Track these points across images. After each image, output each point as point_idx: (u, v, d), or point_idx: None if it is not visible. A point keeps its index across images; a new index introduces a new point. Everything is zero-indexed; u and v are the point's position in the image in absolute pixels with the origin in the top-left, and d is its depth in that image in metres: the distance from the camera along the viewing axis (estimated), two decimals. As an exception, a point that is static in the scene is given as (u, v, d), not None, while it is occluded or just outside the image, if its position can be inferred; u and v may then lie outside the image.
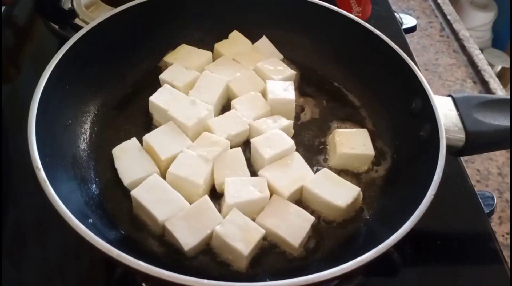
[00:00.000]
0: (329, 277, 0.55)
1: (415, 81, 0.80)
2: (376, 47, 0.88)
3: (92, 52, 0.83)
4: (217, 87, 0.87)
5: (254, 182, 0.74)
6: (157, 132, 0.80)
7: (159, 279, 0.54)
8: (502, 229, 0.96)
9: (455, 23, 1.49)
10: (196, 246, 0.68)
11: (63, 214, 0.58)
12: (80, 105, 0.83)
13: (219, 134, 0.80)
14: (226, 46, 0.96)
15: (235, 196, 0.72)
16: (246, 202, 0.72)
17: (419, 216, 0.62)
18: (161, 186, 0.72)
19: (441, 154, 0.69)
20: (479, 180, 1.05)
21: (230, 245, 0.67)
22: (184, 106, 0.83)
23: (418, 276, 0.79)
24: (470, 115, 0.78)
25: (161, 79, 0.90)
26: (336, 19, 0.93)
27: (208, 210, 0.71)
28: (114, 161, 0.77)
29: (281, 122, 0.83)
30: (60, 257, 0.77)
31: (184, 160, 0.75)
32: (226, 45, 0.97)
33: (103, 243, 0.56)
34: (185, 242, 0.67)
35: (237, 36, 0.98)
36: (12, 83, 1.03)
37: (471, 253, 0.82)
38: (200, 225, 0.69)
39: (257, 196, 0.72)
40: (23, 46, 1.13)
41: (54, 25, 1.12)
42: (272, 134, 0.80)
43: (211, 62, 0.95)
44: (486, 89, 1.28)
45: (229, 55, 0.95)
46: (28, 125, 0.67)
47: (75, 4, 1.14)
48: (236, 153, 0.79)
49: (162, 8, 0.93)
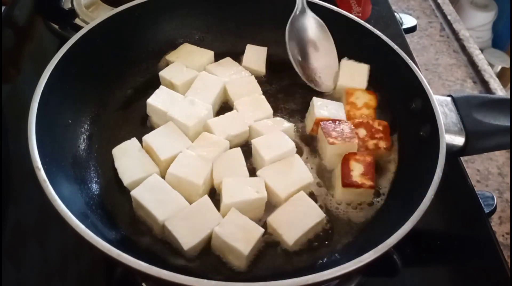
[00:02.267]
0: (329, 277, 0.55)
1: (415, 81, 0.80)
2: (376, 47, 0.88)
3: (92, 52, 0.83)
4: (214, 88, 0.87)
5: (251, 182, 0.74)
6: (156, 132, 0.80)
7: (159, 279, 0.54)
8: (502, 229, 0.96)
9: (455, 23, 1.48)
10: (196, 245, 0.68)
11: (63, 214, 0.59)
12: (80, 105, 0.83)
13: (218, 134, 0.80)
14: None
15: (232, 196, 0.72)
16: (242, 202, 0.72)
17: (419, 216, 0.62)
18: (161, 186, 0.72)
19: (441, 154, 0.69)
20: (479, 180, 1.05)
21: (230, 245, 0.67)
22: (183, 107, 0.82)
23: (418, 276, 0.79)
24: (470, 115, 0.78)
25: (160, 76, 0.90)
26: (336, 19, 0.93)
27: (208, 210, 0.71)
28: (114, 161, 0.77)
29: (281, 124, 0.84)
30: (60, 257, 0.77)
31: (183, 160, 0.75)
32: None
33: (103, 243, 0.57)
34: (184, 242, 0.67)
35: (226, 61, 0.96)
36: (12, 83, 1.03)
37: (471, 253, 0.82)
38: (200, 225, 0.69)
39: (254, 196, 0.72)
40: (23, 46, 1.13)
41: (54, 25, 1.13)
42: (273, 135, 0.80)
43: (213, 62, 0.95)
44: (486, 89, 1.28)
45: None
46: (28, 125, 0.67)
47: (75, 4, 1.14)
48: (235, 153, 0.79)
49: (162, 8, 0.93)
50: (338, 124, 0.82)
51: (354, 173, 0.76)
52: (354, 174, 0.75)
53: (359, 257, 0.57)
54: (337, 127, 0.81)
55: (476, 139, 0.77)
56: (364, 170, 0.76)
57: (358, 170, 0.76)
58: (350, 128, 0.81)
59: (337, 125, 0.81)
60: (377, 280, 0.78)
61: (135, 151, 0.78)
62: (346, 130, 0.81)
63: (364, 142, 0.81)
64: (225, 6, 0.97)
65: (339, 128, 0.81)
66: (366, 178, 0.75)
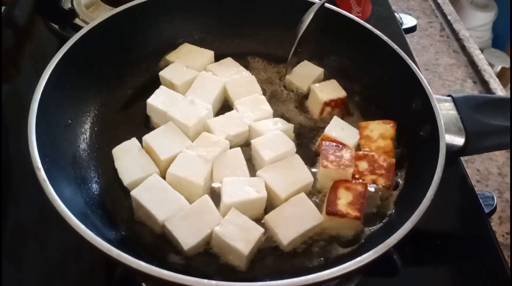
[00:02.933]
0: (329, 277, 0.55)
1: (415, 81, 0.80)
2: (376, 47, 0.88)
3: (92, 52, 0.83)
4: (214, 88, 0.87)
5: (251, 182, 0.74)
6: (156, 132, 0.80)
7: (159, 279, 0.54)
8: (502, 229, 0.96)
9: (455, 23, 1.48)
10: (196, 245, 0.68)
11: (63, 214, 0.58)
12: (80, 105, 0.83)
13: (218, 134, 0.80)
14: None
15: (232, 195, 0.72)
16: (242, 202, 0.72)
17: (419, 216, 0.62)
18: (161, 186, 0.72)
19: (441, 154, 0.69)
20: (479, 180, 1.05)
21: (230, 245, 0.67)
22: (183, 107, 0.82)
23: (418, 276, 0.78)
24: (470, 115, 0.78)
25: (160, 76, 0.90)
26: (336, 19, 0.93)
27: (208, 209, 0.71)
28: (114, 161, 0.77)
29: (281, 124, 0.83)
30: (60, 257, 0.77)
31: (183, 160, 0.75)
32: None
33: (103, 243, 0.56)
34: (184, 242, 0.67)
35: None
36: (12, 83, 1.03)
37: (471, 253, 0.82)
38: (200, 224, 0.69)
39: (253, 196, 0.72)
40: (23, 46, 1.13)
41: (54, 25, 1.13)
42: (273, 135, 0.80)
43: (213, 62, 0.95)
44: (486, 89, 1.28)
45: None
46: (28, 125, 0.67)
47: (75, 4, 1.14)
48: (235, 153, 0.79)
49: (162, 8, 0.93)
50: (340, 148, 0.78)
51: (340, 201, 0.72)
52: (340, 203, 0.71)
53: (359, 257, 0.57)
54: (337, 152, 0.78)
55: (476, 139, 0.77)
56: (352, 199, 0.72)
57: (346, 199, 0.72)
58: (351, 156, 0.77)
59: (338, 150, 0.78)
60: (377, 280, 0.78)
61: (135, 151, 0.78)
62: (346, 156, 0.77)
63: (362, 175, 0.77)
64: (225, 6, 0.97)
65: (339, 153, 0.77)
66: (352, 208, 0.71)
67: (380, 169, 0.77)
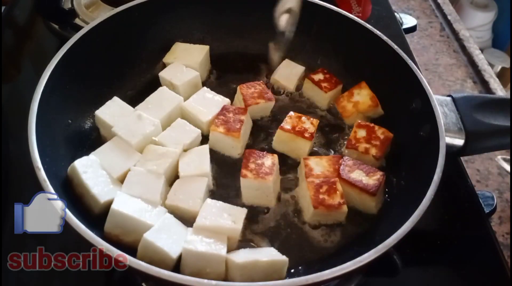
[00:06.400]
0: (329, 277, 0.55)
1: (415, 81, 0.80)
2: (376, 47, 0.88)
3: (92, 52, 0.83)
4: (169, 105, 0.84)
5: (232, 210, 0.71)
6: (103, 149, 0.76)
7: (159, 279, 0.54)
8: (502, 229, 0.96)
9: (455, 23, 1.48)
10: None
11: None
12: (80, 105, 0.83)
13: (174, 147, 0.77)
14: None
15: (207, 218, 0.69)
16: (214, 227, 0.68)
17: (419, 216, 0.62)
18: (123, 217, 0.67)
19: (441, 154, 0.69)
20: (479, 180, 1.05)
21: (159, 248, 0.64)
22: (129, 121, 0.79)
23: (418, 276, 0.78)
24: (470, 115, 0.78)
25: (160, 77, 0.90)
26: (336, 19, 0.93)
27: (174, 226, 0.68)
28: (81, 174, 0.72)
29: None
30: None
31: (134, 179, 0.72)
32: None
33: (103, 243, 0.57)
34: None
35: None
36: (12, 83, 1.03)
37: (471, 253, 0.82)
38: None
39: (227, 225, 0.69)
40: (23, 46, 1.13)
41: (54, 25, 1.12)
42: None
43: (209, 57, 0.95)
44: (486, 89, 1.28)
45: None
46: (28, 125, 0.67)
47: (75, 4, 1.14)
48: (202, 150, 0.79)
49: (162, 8, 0.93)
50: (262, 156, 0.77)
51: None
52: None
53: (359, 257, 0.57)
54: (324, 184, 0.75)
55: (476, 139, 0.77)
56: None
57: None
58: (272, 163, 0.75)
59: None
60: (377, 280, 0.78)
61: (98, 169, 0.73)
62: (267, 164, 0.75)
63: (357, 141, 0.81)
64: (225, 7, 0.97)
65: (260, 161, 0.76)
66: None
67: (375, 140, 0.82)
